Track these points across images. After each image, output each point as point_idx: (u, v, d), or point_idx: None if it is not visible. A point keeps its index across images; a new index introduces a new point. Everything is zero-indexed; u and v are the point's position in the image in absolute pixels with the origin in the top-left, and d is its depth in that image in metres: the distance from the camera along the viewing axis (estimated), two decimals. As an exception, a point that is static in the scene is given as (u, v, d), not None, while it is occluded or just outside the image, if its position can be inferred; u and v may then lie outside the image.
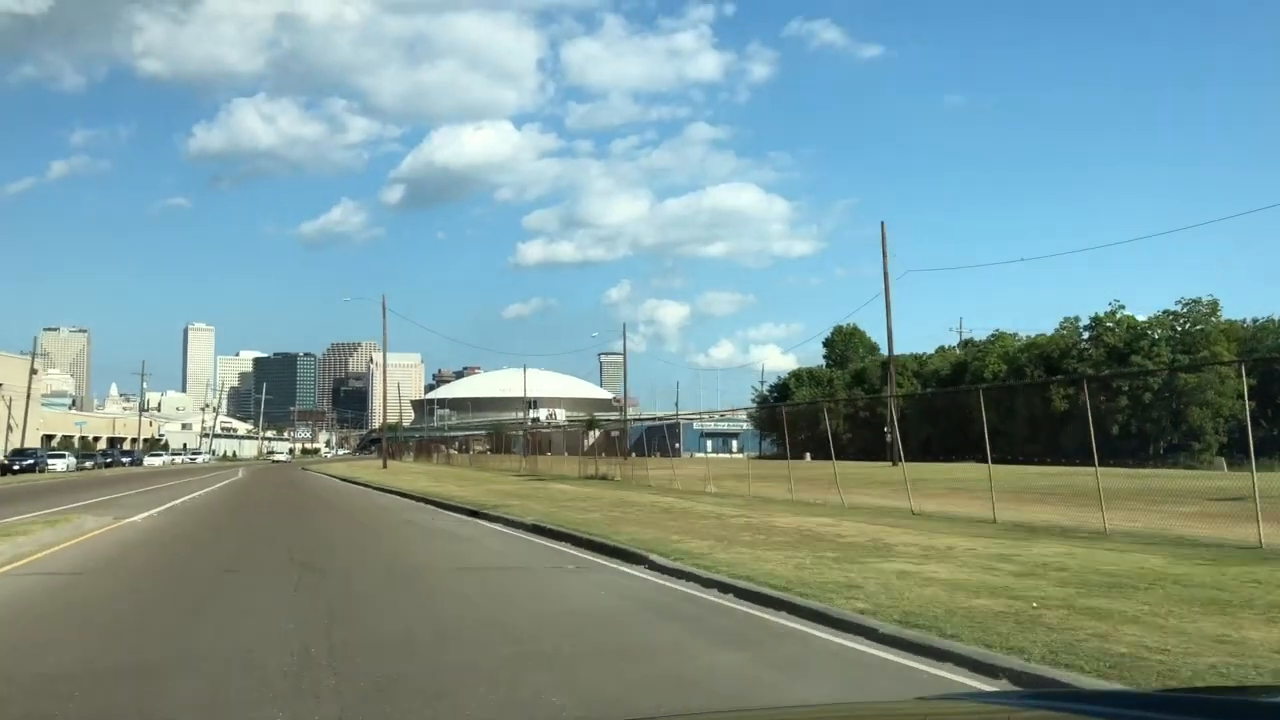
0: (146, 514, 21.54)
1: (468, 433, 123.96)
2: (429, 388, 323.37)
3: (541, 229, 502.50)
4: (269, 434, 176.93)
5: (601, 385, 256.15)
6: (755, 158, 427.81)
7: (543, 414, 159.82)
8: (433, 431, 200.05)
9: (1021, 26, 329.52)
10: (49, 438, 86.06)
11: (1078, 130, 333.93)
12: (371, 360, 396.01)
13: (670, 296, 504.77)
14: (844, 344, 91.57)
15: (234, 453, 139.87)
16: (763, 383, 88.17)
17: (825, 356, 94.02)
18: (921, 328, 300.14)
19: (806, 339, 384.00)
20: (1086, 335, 62.62)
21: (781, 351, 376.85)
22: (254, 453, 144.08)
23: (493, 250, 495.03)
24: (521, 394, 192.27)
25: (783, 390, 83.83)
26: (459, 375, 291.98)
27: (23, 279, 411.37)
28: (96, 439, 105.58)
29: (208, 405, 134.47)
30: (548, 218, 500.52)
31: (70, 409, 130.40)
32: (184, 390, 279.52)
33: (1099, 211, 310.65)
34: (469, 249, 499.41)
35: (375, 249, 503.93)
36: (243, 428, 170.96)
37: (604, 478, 38.12)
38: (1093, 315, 62.21)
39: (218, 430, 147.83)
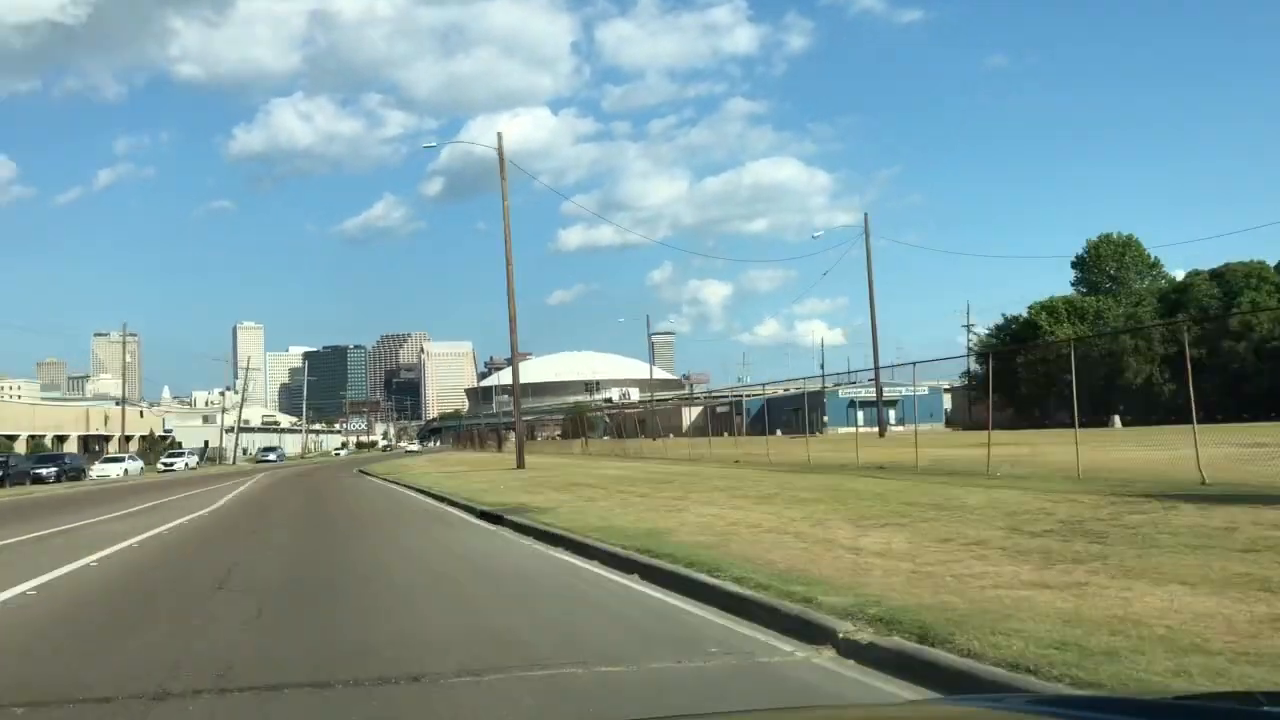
0: None
1: (534, 417, 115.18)
2: (482, 375, 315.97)
3: (580, 214, 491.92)
4: (317, 427, 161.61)
5: (654, 365, 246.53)
6: (795, 130, 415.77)
7: (614, 394, 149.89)
8: (493, 419, 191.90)
9: None
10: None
11: (1123, 89, 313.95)
12: (423, 350, 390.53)
13: (713, 275, 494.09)
14: (1112, 260, 67.44)
15: (274, 451, 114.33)
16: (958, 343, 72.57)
17: (1078, 281, 70.11)
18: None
19: (853, 311, 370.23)
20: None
21: (828, 326, 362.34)
22: (299, 448, 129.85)
23: (534, 238, 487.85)
24: (578, 377, 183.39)
25: (1025, 329, 63.71)
26: (510, 362, 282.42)
27: (74, 287, 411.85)
28: (62, 438, 77.37)
29: (229, 389, 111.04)
30: (587, 203, 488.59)
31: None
32: (234, 390, 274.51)
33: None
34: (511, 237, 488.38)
35: (417, 242, 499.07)
36: (287, 421, 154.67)
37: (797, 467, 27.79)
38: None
39: (257, 424, 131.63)
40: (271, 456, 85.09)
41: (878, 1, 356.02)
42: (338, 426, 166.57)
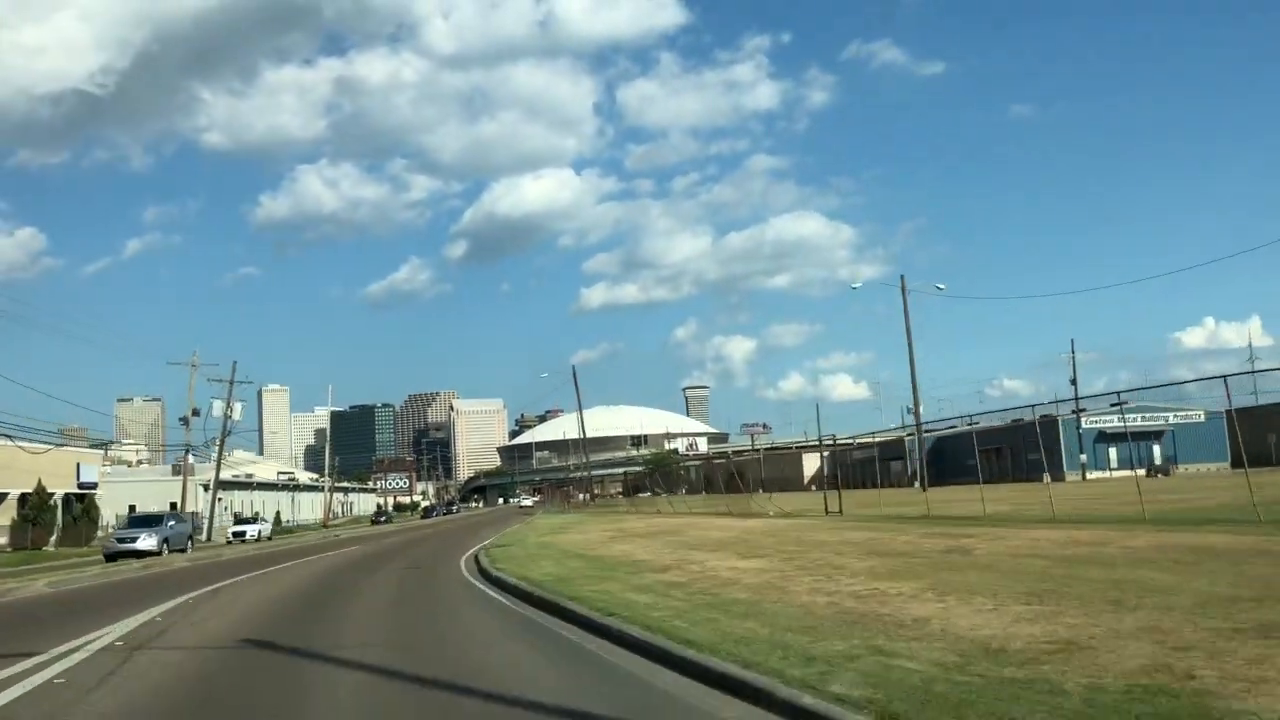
0: None
1: (590, 473, 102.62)
2: (513, 433, 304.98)
3: (603, 272, 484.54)
4: (347, 484, 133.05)
5: (690, 417, 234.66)
6: (817, 185, 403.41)
7: (680, 445, 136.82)
8: (524, 477, 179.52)
9: (1087, 28, 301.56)
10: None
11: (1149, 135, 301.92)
12: (452, 408, 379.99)
13: (737, 331, 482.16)
14: None
15: (252, 525, 65.43)
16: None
17: None
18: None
19: (877, 365, 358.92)
20: None
21: (853, 380, 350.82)
22: (318, 513, 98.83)
23: (557, 298, 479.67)
24: (619, 432, 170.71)
25: None
26: (542, 419, 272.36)
27: (102, 355, 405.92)
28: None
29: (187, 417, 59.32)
30: (609, 261, 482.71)
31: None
32: (260, 453, 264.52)
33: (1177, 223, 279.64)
34: (533, 298, 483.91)
35: (442, 304, 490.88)
36: (306, 477, 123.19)
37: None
38: None
39: (263, 479, 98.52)
40: (249, 533, 55.21)
41: (900, 55, 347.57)
42: (372, 484, 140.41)
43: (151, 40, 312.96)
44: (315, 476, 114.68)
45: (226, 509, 76.90)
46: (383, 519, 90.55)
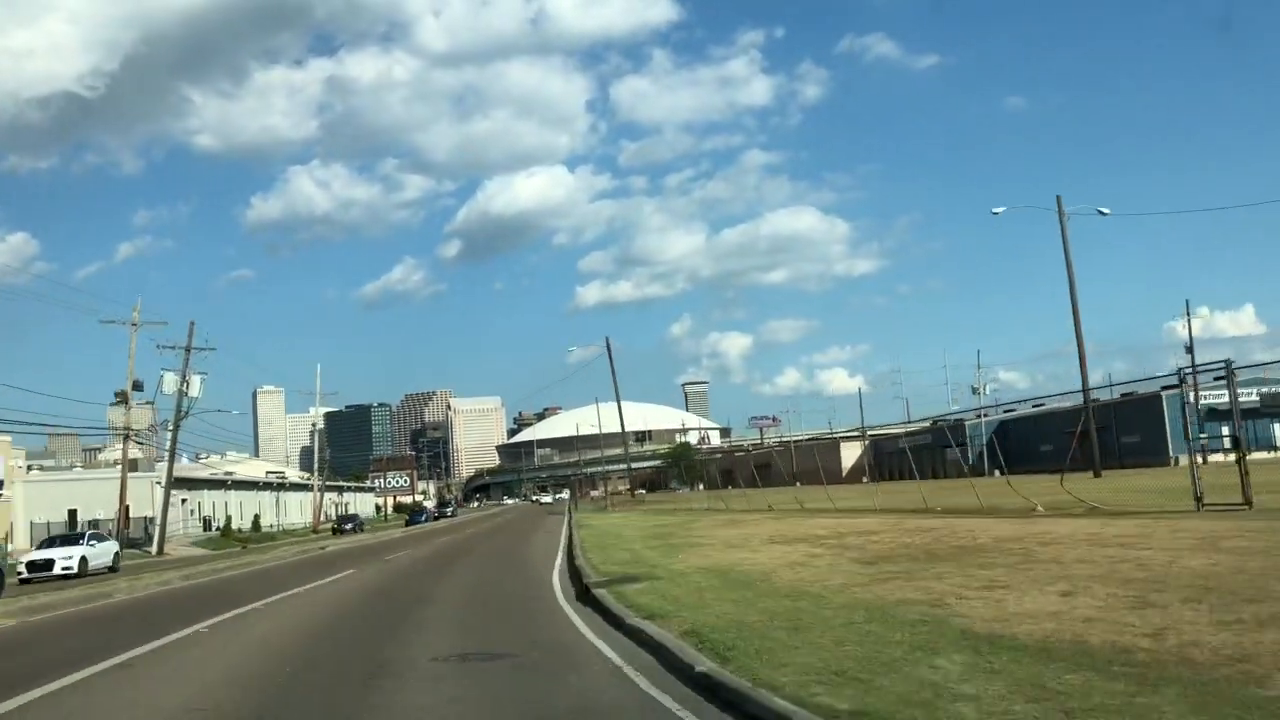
0: None
1: (591, 470, 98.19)
2: (511, 431, 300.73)
3: (598, 270, 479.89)
4: (342, 483, 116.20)
5: (689, 412, 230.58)
6: (812, 180, 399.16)
7: (692, 437, 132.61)
8: (529, 475, 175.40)
9: (1082, 19, 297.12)
10: None
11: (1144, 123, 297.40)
12: (449, 407, 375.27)
13: (733, 328, 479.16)
14: None
15: (254, 523, 73.70)
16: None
17: None
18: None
19: (874, 359, 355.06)
20: None
21: (849, 374, 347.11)
22: (308, 516, 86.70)
23: (552, 296, 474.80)
24: (620, 427, 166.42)
25: None
26: (540, 417, 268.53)
27: (94, 359, 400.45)
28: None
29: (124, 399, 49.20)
30: (604, 259, 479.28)
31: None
32: (256, 455, 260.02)
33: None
34: (528, 296, 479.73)
35: (437, 304, 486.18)
36: (295, 475, 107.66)
37: None
38: None
39: (249, 476, 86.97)
40: (59, 563, 30.73)
41: (894, 48, 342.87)
42: (370, 483, 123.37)
43: (140, 42, 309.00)
44: (306, 475, 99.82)
45: (192, 512, 65.81)
46: (349, 526, 65.06)
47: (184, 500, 62.79)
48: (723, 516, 34.00)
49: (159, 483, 53.30)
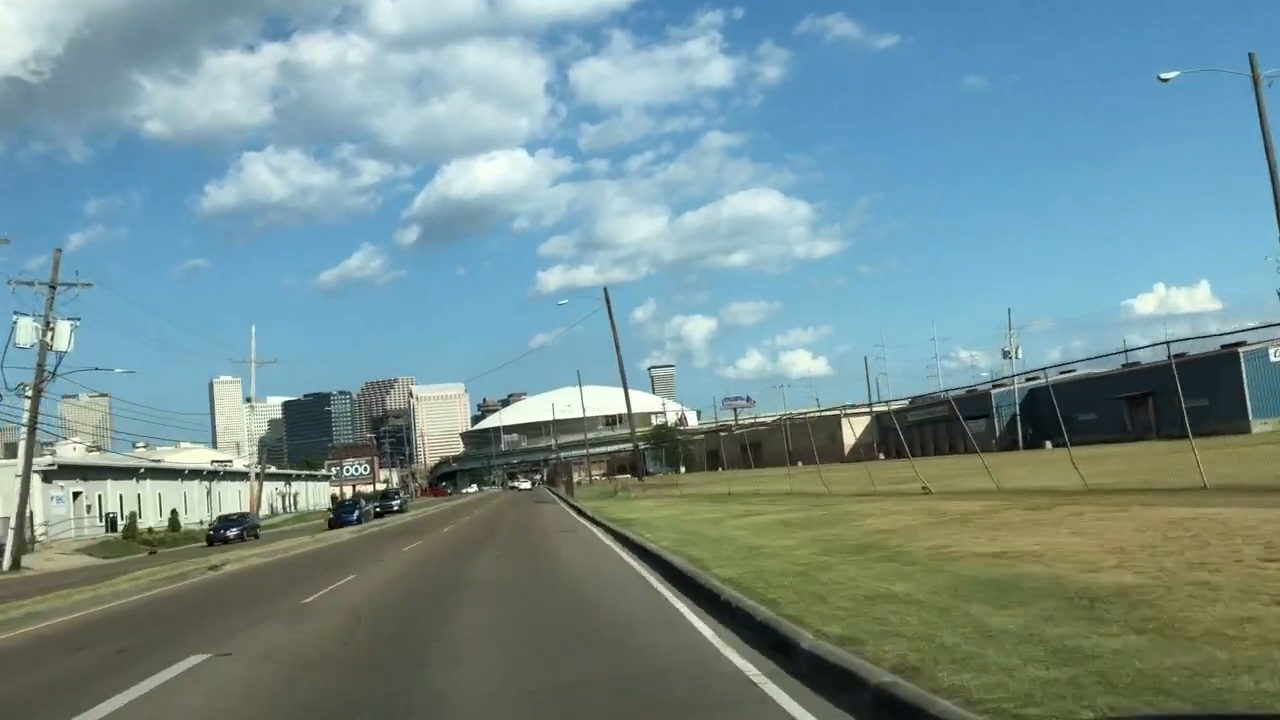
0: None
1: (558, 456, 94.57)
2: (475, 418, 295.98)
3: (559, 255, 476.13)
4: (291, 471, 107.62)
5: (655, 395, 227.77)
6: (773, 161, 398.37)
7: (670, 418, 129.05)
8: (499, 461, 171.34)
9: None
10: None
11: (1103, 105, 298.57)
12: (411, 394, 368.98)
13: (696, 311, 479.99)
14: None
15: (172, 520, 60.42)
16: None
17: None
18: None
19: (836, 340, 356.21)
20: None
21: (811, 356, 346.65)
22: (245, 509, 65.27)
23: (514, 281, 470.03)
24: (591, 411, 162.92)
25: None
26: (505, 403, 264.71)
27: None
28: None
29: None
30: (565, 243, 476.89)
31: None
32: (214, 446, 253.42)
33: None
34: (490, 282, 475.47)
35: (397, 290, 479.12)
36: (242, 464, 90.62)
37: None
38: None
39: (175, 464, 74.84)
40: None
41: (854, 28, 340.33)
42: (326, 470, 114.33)
43: (84, 25, 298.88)
44: (249, 462, 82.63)
45: (89, 509, 55.03)
46: (230, 530, 47.54)
47: (77, 494, 53.42)
48: (836, 505, 21.56)
49: (45, 473, 45.02)
